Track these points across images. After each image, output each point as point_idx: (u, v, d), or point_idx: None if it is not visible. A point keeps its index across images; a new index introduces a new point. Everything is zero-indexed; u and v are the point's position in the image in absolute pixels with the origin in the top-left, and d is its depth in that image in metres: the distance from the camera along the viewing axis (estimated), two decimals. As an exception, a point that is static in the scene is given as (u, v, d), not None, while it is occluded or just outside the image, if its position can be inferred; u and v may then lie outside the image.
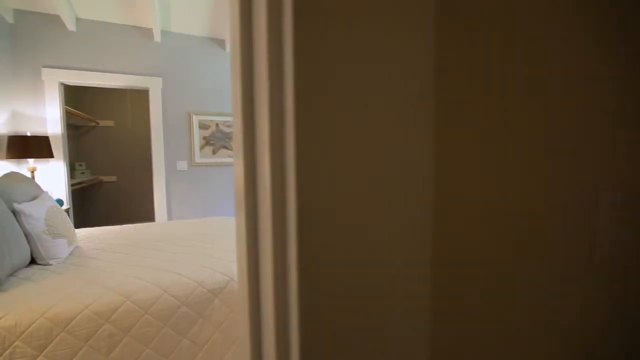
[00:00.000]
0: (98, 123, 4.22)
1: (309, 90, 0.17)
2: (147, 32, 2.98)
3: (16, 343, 1.05)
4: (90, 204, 4.32)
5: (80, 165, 4.08)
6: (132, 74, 2.95)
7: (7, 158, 2.38)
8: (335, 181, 0.19)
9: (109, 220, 4.26)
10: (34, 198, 1.72)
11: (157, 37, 2.97)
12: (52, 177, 2.73)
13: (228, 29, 2.95)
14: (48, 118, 2.68)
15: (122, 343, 1.17)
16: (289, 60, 0.17)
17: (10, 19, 2.53)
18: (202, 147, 3.29)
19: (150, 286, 1.28)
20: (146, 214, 4.47)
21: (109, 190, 4.41)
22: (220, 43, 3.30)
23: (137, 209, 4.52)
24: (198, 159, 3.27)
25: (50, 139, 2.66)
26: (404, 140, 0.22)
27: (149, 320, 1.22)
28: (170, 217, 3.20)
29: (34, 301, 1.14)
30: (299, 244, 0.17)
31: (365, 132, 0.19)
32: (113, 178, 4.42)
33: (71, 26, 2.69)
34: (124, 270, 1.43)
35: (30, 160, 2.52)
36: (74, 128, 4.05)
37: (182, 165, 3.22)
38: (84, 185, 3.66)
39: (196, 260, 1.56)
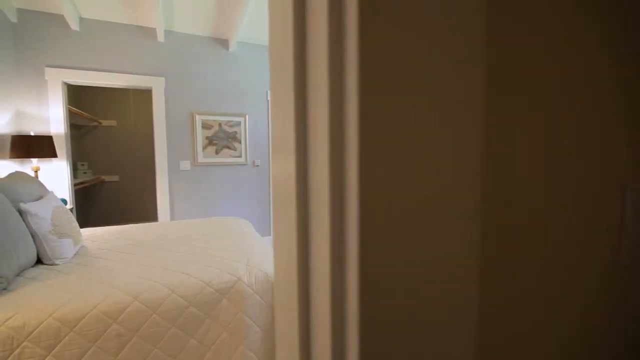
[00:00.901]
0: (100, 123, 4.22)
1: (375, 84, 0.17)
2: (150, 32, 2.98)
3: (25, 343, 1.04)
4: (92, 204, 4.31)
5: (83, 165, 4.07)
6: (135, 73, 2.94)
7: (10, 158, 2.38)
8: (402, 182, 0.18)
9: (110, 220, 4.25)
10: (40, 198, 1.72)
11: (161, 37, 2.97)
12: (55, 176, 2.72)
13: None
14: (51, 118, 2.68)
15: (130, 343, 1.17)
16: (353, 53, 0.16)
17: (13, 18, 2.52)
18: (205, 147, 3.29)
19: (158, 286, 1.28)
20: (148, 214, 4.46)
21: (111, 190, 4.41)
22: (224, 43, 3.30)
23: (139, 208, 4.52)
24: (201, 159, 3.27)
25: (54, 139, 2.65)
26: (462, 146, 0.21)
27: (157, 320, 1.22)
28: (173, 217, 3.19)
29: (42, 301, 1.14)
30: (361, 245, 0.17)
31: (429, 137, 0.19)
32: (115, 178, 4.41)
33: (74, 26, 2.68)
34: (131, 270, 1.42)
35: (34, 160, 2.52)
36: (76, 128, 4.04)
37: (185, 165, 3.21)
38: (86, 185, 3.65)
39: (202, 260, 1.55)
